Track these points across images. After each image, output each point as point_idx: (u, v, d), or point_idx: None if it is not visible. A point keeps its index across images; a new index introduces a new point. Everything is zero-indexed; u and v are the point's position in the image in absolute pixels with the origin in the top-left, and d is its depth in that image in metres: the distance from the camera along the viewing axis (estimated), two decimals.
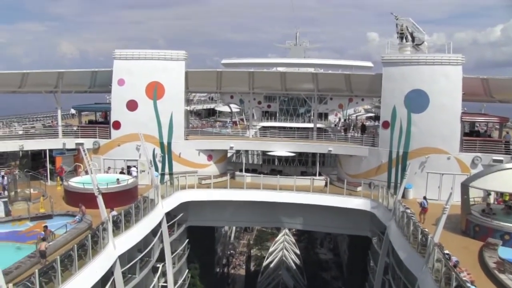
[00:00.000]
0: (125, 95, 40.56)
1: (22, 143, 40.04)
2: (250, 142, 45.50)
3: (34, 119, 53.57)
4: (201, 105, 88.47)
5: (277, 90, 51.19)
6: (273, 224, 54.94)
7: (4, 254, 17.80)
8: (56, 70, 42.41)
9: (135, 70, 40.50)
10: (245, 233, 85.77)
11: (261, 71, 49.61)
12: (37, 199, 32.67)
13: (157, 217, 32.74)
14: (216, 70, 46.33)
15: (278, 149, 43.91)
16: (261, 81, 46.56)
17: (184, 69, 41.39)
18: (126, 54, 40.80)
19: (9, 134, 41.96)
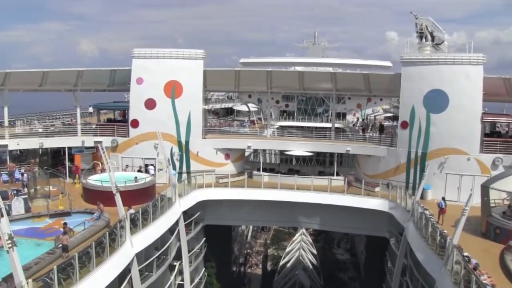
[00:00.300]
0: (144, 93, 40.82)
1: (42, 140, 40.62)
2: (267, 142, 45.41)
3: (54, 117, 54.21)
4: (219, 104, 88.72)
5: (295, 90, 51.04)
6: (290, 224, 54.86)
7: (24, 250, 18.02)
8: (76, 69, 42.95)
9: (154, 69, 40.74)
10: (262, 232, 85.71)
11: (279, 70, 49.52)
12: (56, 196, 33.04)
13: (174, 215, 32.83)
14: (234, 69, 46.34)
15: (295, 149, 43.78)
16: (279, 81, 46.43)
17: (202, 68, 41.50)
18: (144, 53, 41.08)
19: (29, 132, 42.50)
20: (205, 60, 41.87)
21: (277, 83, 46.30)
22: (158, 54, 41.14)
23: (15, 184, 36.61)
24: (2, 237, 16.02)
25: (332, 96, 47.76)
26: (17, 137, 40.59)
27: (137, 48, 41.36)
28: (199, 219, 39.06)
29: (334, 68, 65.31)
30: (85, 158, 41.46)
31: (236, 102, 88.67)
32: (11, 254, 16.15)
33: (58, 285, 17.91)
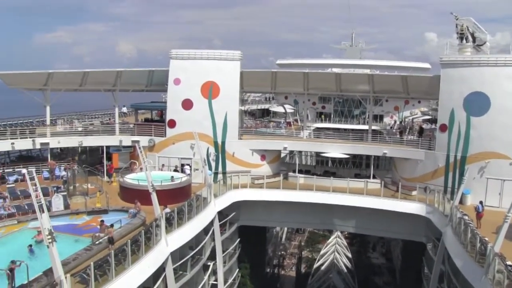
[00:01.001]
0: (181, 94, 41.20)
1: (81, 139, 41.56)
2: (303, 143, 45.16)
3: (93, 117, 55.39)
4: (255, 105, 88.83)
5: (332, 91, 50.65)
6: (325, 226, 54.35)
7: (62, 245, 18.41)
8: (115, 69, 43.75)
9: (191, 70, 41.08)
10: (297, 234, 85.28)
11: (316, 72, 49.14)
12: (93, 194, 33.71)
13: (209, 215, 32.99)
14: (271, 71, 46.29)
15: (332, 151, 43.39)
16: (316, 82, 46.12)
17: (239, 69, 41.61)
18: (182, 54, 41.48)
19: (69, 130, 43.52)
20: (242, 61, 41.98)
21: (314, 85, 46.00)
22: (196, 55, 41.48)
23: (55, 181, 37.61)
24: (43, 232, 16.43)
25: (369, 98, 47.18)
26: (58, 136, 41.65)
27: (175, 49, 41.81)
28: (234, 220, 39.12)
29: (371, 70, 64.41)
30: (123, 157, 42.18)
31: (272, 103, 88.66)
32: (51, 249, 16.54)
33: (94, 281, 18.23)
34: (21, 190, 33.40)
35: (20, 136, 39.89)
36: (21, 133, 40.28)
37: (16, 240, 25.70)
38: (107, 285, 18.98)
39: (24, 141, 39.98)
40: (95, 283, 18.28)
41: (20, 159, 44.02)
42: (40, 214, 16.48)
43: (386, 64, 63.18)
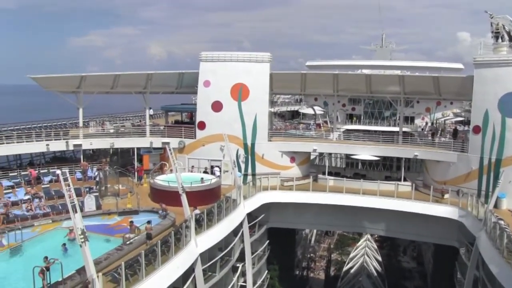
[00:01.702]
0: (211, 96, 41.43)
1: (112, 141, 42.22)
2: (333, 145, 44.81)
3: (124, 119, 56.19)
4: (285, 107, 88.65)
5: (362, 93, 50.12)
6: (355, 229, 53.85)
7: (94, 245, 18.73)
8: (145, 72, 44.27)
9: (221, 72, 41.26)
10: (326, 236, 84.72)
11: (345, 73, 48.78)
12: (124, 195, 34.16)
13: (238, 217, 33.05)
14: (300, 72, 46.07)
15: (362, 153, 42.87)
16: (345, 84, 45.75)
17: (268, 71, 41.60)
18: (212, 56, 41.70)
19: (101, 132, 44.27)
20: (271, 63, 41.98)
21: (343, 86, 45.64)
22: (225, 57, 41.65)
23: (87, 182, 38.28)
24: (76, 232, 16.73)
25: (400, 100, 46.54)
26: (90, 137, 42.42)
27: (205, 52, 42.04)
28: (263, 222, 39.11)
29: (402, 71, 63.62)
30: (153, 159, 42.60)
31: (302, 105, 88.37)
32: (84, 248, 16.84)
33: (125, 281, 18.47)
34: (56, 190, 34.18)
35: (55, 138, 40.81)
36: (55, 135, 41.22)
37: (50, 239, 26.32)
38: (137, 284, 19.21)
39: (58, 143, 40.89)
40: (126, 283, 18.53)
41: (55, 160, 45.09)
42: (73, 214, 16.79)
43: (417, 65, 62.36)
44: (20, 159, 43.63)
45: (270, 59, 41.77)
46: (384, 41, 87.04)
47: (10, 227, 26.64)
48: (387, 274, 63.72)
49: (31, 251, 24.42)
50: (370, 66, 69.36)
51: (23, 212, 29.80)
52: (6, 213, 28.85)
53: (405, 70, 65.24)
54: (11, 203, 31.22)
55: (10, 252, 24.14)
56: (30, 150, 41.27)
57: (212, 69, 41.49)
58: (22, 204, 31.27)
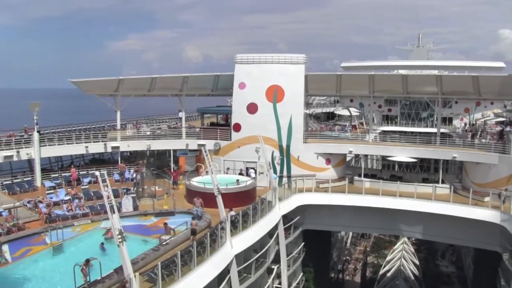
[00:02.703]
0: (246, 98, 41.61)
1: (149, 143, 42.94)
2: (369, 147, 44.22)
3: (160, 121, 56.99)
4: (320, 108, 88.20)
5: (398, 94, 49.35)
6: (391, 232, 52.97)
7: (131, 245, 19.08)
8: (181, 74, 44.85)
9: (256, 74, 41.40)
10: (362, 239, 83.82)
11: (381, 74, 48.20)
12: (161, 196, 34.71)
13: (274, 219, 32.99)
14: (335, 73, 45.79)
15: (398, 155, 42.17)
16: (381, 84, 45.14)
17: (303, 72, 41.49)
18: (247, 58, 41.90)
19: (138, 134, 45.02)
20: (306, 64, 41.85)
21: (379, 87, 45.04)
22: (260, 59, 41.76)
23: (125, 183, 39.02)
24: (114, 232, 17.05)
25: (437, 100, 45.58)
26: (127, 140, 43.22)
27: (240, 54, 42.32)
28: (299, 224, 38.92)
29: (439, 71, 62.30)
30: (189, 160, 43.14)
31: (337, 106, 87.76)
32: (121, 248, 17.13)
33: (161, 281, 18.70)
34: (94, 191, 35.03)
35: (93, 140, 41.77)
36: (94, 137, 42.16)
37: (89, 238, 27.02)
38: (173, 285, 19.40)
39: (96, 145, 41.85)
40: (162, 283, 18.76)
41: (93, 162, 46.21)
42: (111, 215, 17.10)
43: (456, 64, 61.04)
44: (61, 161, 44.97)
45: (305, 60, 41.67)
46: (421, 41, 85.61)
47: (52, 226, 27.54)
48: (425, 278, 62.46)
49: (72, 250, 25.22)
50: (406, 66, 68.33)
51: (64, 212, 30.70)
52: (49, 213, 29.81)
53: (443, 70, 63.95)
54: (53, 203, 32.21)
55: (52, 250, 24.93)
56: (70, 152, 42.39)
57: (247, 71, 41.67)
58: (63, 204, 32.21)
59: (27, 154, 37.73)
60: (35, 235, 26.77)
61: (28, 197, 33.84)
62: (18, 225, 27.70)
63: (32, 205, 31.78)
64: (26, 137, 38.17)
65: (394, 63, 70.97)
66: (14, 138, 37.84)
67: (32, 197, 33.34)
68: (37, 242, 26.08)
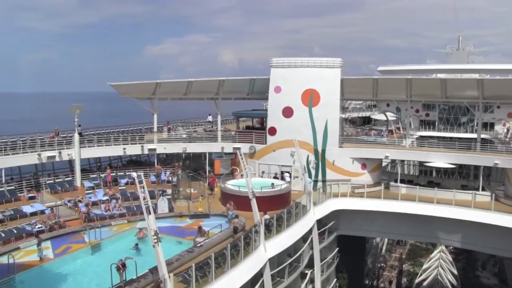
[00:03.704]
0: (281, 102, 41.64)
1: (185, 145, 43.39)
2: (406, 152, 43.53)
3: (196, 124, 57.59)
4: (356, 112, 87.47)
5: (436, 98, 48.30)
6: (428, 239, 51.88)
7: (166, 246, 19.34)
8: (217, 78, 45.25)
9: (291, 78, 41.40)
10: (398, 246, 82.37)
11: (419, 78, 47.33)
12: (196, 198, 35.05)
13: (308, 223, 32.86)
14: (372, 77, 45.30)
15: (436, 160, 41.33)
16: (419, 89, 44.39)
17: (339, 76, 41.23)
18: (282, 62, 41.94)
19: (174, 137, 45.60)
20: (342, 68, 41.59)
21: (417, 91, 44.31)
22: (296, 63, 41.74)
23: (161, 185, 39.55)
24: (149, 233, 17.32)
25: (478, 105, 44.48)
26: (164, 142, 43.85)
27: (276, 58, 42.40)
28: (333, 228, 38.64)
29: (480, 74, 60.81)
30: (224, 164, 43.36)
31: (373, 111, 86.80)
32: (157, 249, 17.38)
33: (195, 282, 18.87)
34: (131, 192, 35.65)
35: (131, 142, 42.57)
36: (132, 139, 42.96)
37: (126, 238, 27.57)
38: (207, 286, 19.54)
39: (134, 147, 42.64)
40: (195, 284, 18.92)
41: (130, 163, 47.12)
42: (147, 216, 17.37)
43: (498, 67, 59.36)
44: (99, 162, 46.01)
45: (341, 64, 41.42)
46: (461, 44, 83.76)
47: (91, 225, 28.33)
48: None
49: (109, 249, 25.83)
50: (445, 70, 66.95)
51: (102, 212, 31.41)
52: (88, 212, 30.56)
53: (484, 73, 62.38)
54: (91, 203, 32.98)
55: (91, 249, 25.62)
56: (109, 154, 43.37)
57: (283, 75, 41.71)
58: (101, 204, 32.96)
59: (68, 155, 38.83)
60: (74, 233, 27.70)
61: (68, 196, 34.90)
62: (59, 223, 28.62)
63: (72, 204, 32.72)
64: (58, 139, 39.05)
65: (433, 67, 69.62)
66: (56, 140, 38.99)
67: (72, 197, 34.35)
68: (76, 240, 26.91)
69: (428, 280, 60.67)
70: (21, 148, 36.68)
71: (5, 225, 28.33)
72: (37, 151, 37.21)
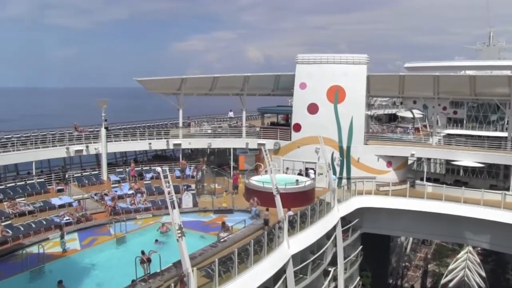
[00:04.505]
0: (307, 98, 41.47)
1: (210, 141, 43.66)
2: (433, 150, 42.93)
3: (221, 120, 57.83)
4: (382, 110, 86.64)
5: (465, 95, 47.34)
6: (455, 240, 51.03)
7: (190, 241, 19.50)
8: (243, 74, 45.31)
9: (317, 74, 41.17)
10: (423, 246, 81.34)
11: (447, 75, 46.53)
12: (220, 194, 35.23)
13: (332, 220, 32.70)
14: (398, 74, 44.74)
15: (464, 159, 40.58)
16: (447, 86, 43.62)
17: (365, 73, 40.84)
18: (308, 58, 41.76)
19: (199, 132, 45.89)
20: (368, 65, 41.19)
21: (445, 89, 43.56)
22: (322, 59, 41.49)
23: (185, 179, 39.87)
24: (174, 227, 17.47)
25: (509, 102, 43.48)
26: (189, 137, 44.16)
27: (301, 54, 42.29)
28: (357, 226, 38.36)
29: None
30: (249, 159, 43.47)
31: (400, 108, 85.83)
32: (180, 243, 17.52)
33: (218, 277, 18.96)
34: (156, 186, 36.04)
35: (156, 137, 43.02)
36: (157, 134, 43.41)
37: (150, 232, 27.88)
38: (230, 281, 19.62)
39: (159, 142, 43.10)
40: (218, 279, 19.02)
41: (156, 158, 47.62)
42: (171, 210, 17.52)
43: None
44: (125, 156, 46.61)
45: (367, 60, 41.03)
46: (491, 40, 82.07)
47: (116, 219, 28.77)
48: None
49: (134, 242, 26.17)
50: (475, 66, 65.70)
51: (127, 206, 31.83)
52: (113, 206, 31.02)
53: None
54: (117, 196, 33.46)
55: (116, 241, 26.01)
56: (134, 148, 43.94)
57: (308, 72, 41.52)
58: (126, 198, 33.40)
59: (95, 149, 39.51)
60: (100, 226, 28.22)
61: (95, 189, 35.51)
62: (86, 215, 29.17)
63: (99, 198, 33.26)
64: (76, 134, 39.71)
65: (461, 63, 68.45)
66: (84, 134, 39.68)
67: (98, 190, 34.93)
68: (102, 232, 27.40)
69: (454, 281, 59.65)
70: (51, 142, 37.53)
71: (35, 216, 29.14)
72: (66, 145, 37.99)
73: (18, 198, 32.05)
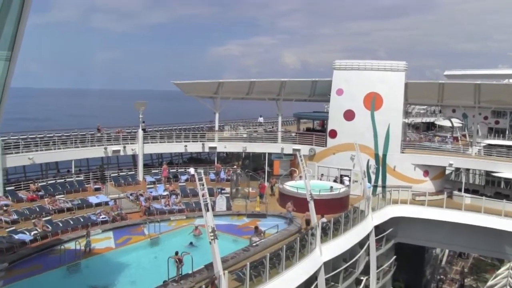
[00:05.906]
0: (343, 104, 41.16)
1: (245, 145, 43.81)
2: (472, 160, 41.76)
3: (257, 124, 57.96)
4: (419, 118, 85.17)
5: (508, 105, 46.13)
6: (494, 254, 49.55)
7: (222, 244, 19.60)
8: (280, 79, 45.34)
9: (354, 80, 40.84)
10: (459, 259, 79.18)
11: (489, 83, 45.22)
12: (254, 198, 35.26)
13: (365, 229, 32.25)
14: (437, 82, 43.82)
15: (505, 171, 39.43)
16: (489, 94, 42.39)
17: (403, 80, 40.26)
18: (345, 64, 41.47)
19: (235, 136, 46.13)
20: (406, 72, 40.59)
21: (486, 97, 42.37)
22: (359, 65, 41.14)
23: (220, 183, 40.14)
24: (207, 230, 17.60)
25: None
26: (224, 141, 44.46)
27: (339, 60, 42.00)
28: (391, 236, 37.71)
29: None
30: (283, 165, 43.38)
31: (438, 116, 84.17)
32: (213, 246, 17.66)
33: (249, 281, 18.98)
34: (191, 189, 36.40)
35: (192, 140, 43.52)
36: (193, 137, 43.90)
37: (183, 234, 28.19)
38: (260, 286, 19.61)
39: (194, 145, 43.61)
40: (249, 283, 19.03)
41: (191, 161, 48.17)
42: (205, 212, 17.66)
43: None
44: (161, 158, 47.29)
45: (405, 67, 40.44)
46: None
47: (150, 219, 29.24)
48: None
49: (167, 243, 26.51)
50: None
51: (162, 207, 32.26)
52: (148, 206, 31.50)
53: None
54: (152, 197, 33.98)
55: (150, 242, 26.39)
56: (170, 150, 44.64)
57: (346, 78, 41.22)
58: (161, 199, 33.87)
59: (132, 150, 40.30)
60: (135, 226, 28.76)
61: (130, 189, 36.20)
62: (121, 214, 29.78)
63: (134, 198, 33.87)
64: (98, 135, 40.32)
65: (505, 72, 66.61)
66: (121, 135, 40.50)
67: (134, 190, 35.58)
68: (136, 232, 27.91)
69: None
70: (89, 142, 38.45)
71: (73, 213, 30.02)
72: (104, 145, 38.84)
73: (58, 195, 33.01)
